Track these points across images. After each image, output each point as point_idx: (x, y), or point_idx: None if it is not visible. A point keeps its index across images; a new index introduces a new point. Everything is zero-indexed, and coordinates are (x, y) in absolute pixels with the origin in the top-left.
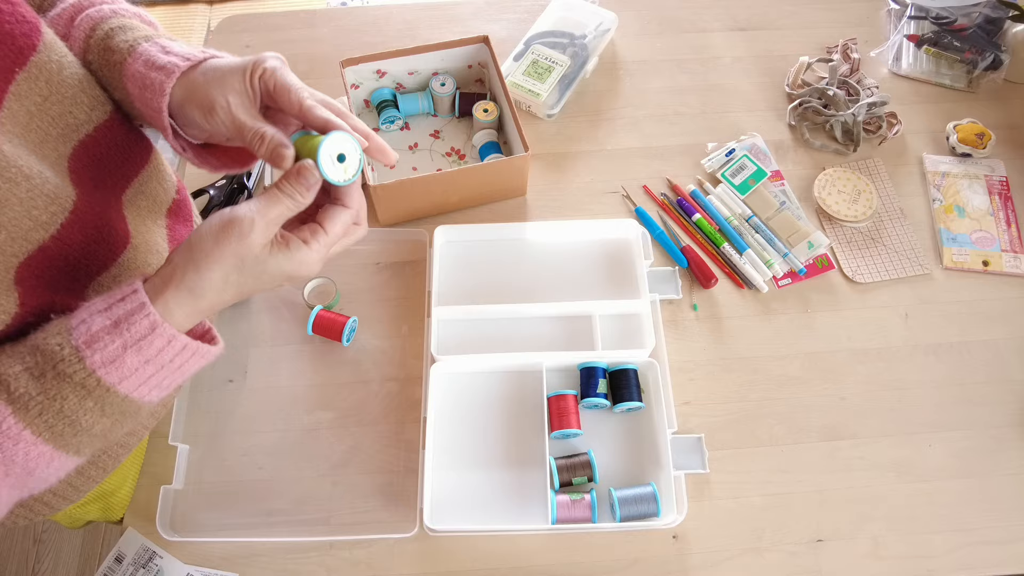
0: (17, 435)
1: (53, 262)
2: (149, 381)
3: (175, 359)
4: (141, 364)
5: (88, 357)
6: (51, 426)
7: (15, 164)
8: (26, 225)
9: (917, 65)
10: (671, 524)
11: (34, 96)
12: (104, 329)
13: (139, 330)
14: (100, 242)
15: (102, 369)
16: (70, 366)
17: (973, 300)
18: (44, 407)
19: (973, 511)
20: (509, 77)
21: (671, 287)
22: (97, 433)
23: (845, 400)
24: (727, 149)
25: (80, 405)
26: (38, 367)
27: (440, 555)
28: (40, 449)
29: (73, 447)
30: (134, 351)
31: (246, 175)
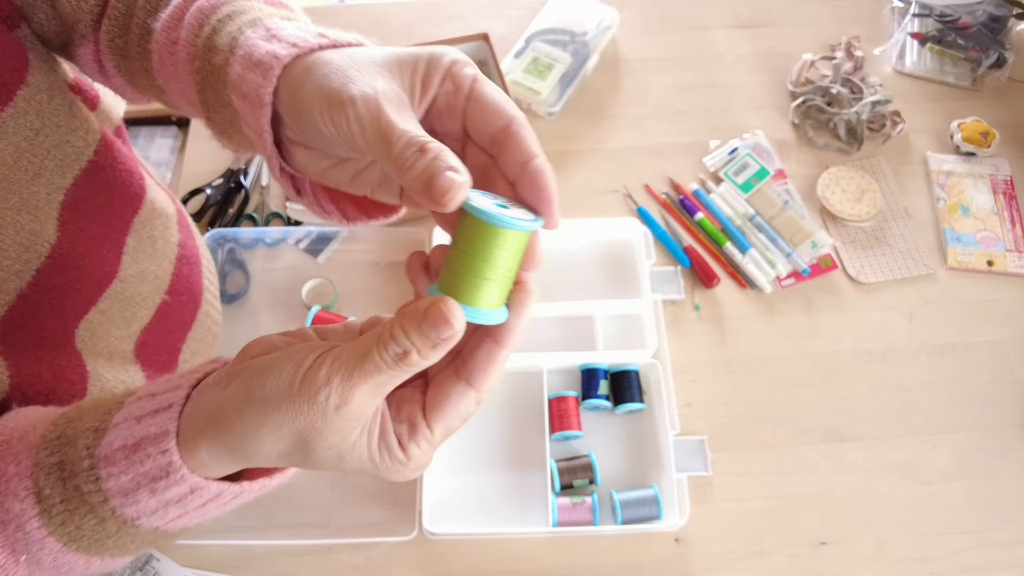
0: (41, 540)
1: (37, 309)
2: (176, 521)
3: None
4: (161, 506)
5: (104, 480)
6: (75, 539)
7: None
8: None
9: (921, 63)
10: (673, 527)
11: (26, 131)
12: (123, 450)
13: (152, 469)
14: (83, 280)
15: (117, 499)
16: (87, 484)
17: (978, 300)
18: (65, 519)
19: (978, 513)
20: (509, 75)
21: (673, 287)
22: (131, 550)
23: (849, 401)
24: (730, 148)
25: (101, 527)
26: (65, 468)
27: (440, 558)
28: (69, 557)
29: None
30: (147, 491)
31: (242, 173)
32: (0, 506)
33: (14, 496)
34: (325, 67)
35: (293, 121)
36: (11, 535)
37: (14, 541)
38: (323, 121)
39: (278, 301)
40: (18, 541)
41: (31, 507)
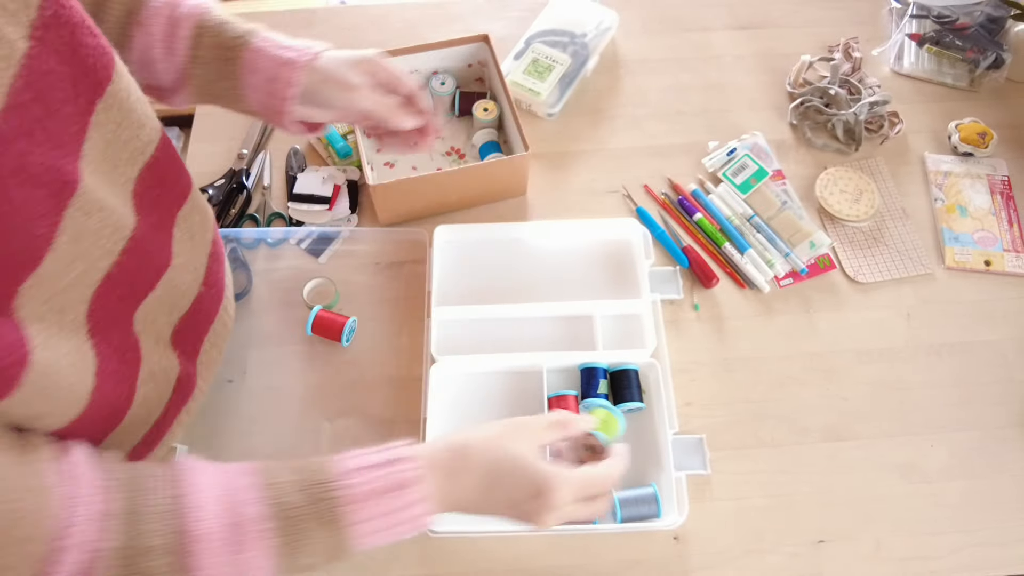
0: (267, 544)
1: (114, 290)
2: (373, 533)
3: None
4: (377, 515)
5: (343, 488)
6: (284, 544)
7: (93, 196)
8: (95, 254)
9: (919, 64)
10: (672, 525)
11: (109, 124)
12: (372, 465)
13: (398, 480)
14: (148, 266)
15: (351, 505)
16: (328, 491)
17: (975, 300)
18: (295, 522)
19: (976, 512)
20: (509, 76)
21: (672, 287)
22: (298, 566)
23: (847, 401)
24: (728, 148)
25: (316, 533)
26: (304, 481)
27: (441, 557)
28: (265, 563)
29: (278, 570)
30: (389, 498)
31: (245, 175)
32: (242, 511)
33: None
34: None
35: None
36: (239, 536)
37: (237, 543)
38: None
39: (280, 301)
40: (242, 544)
41: (268, 508)
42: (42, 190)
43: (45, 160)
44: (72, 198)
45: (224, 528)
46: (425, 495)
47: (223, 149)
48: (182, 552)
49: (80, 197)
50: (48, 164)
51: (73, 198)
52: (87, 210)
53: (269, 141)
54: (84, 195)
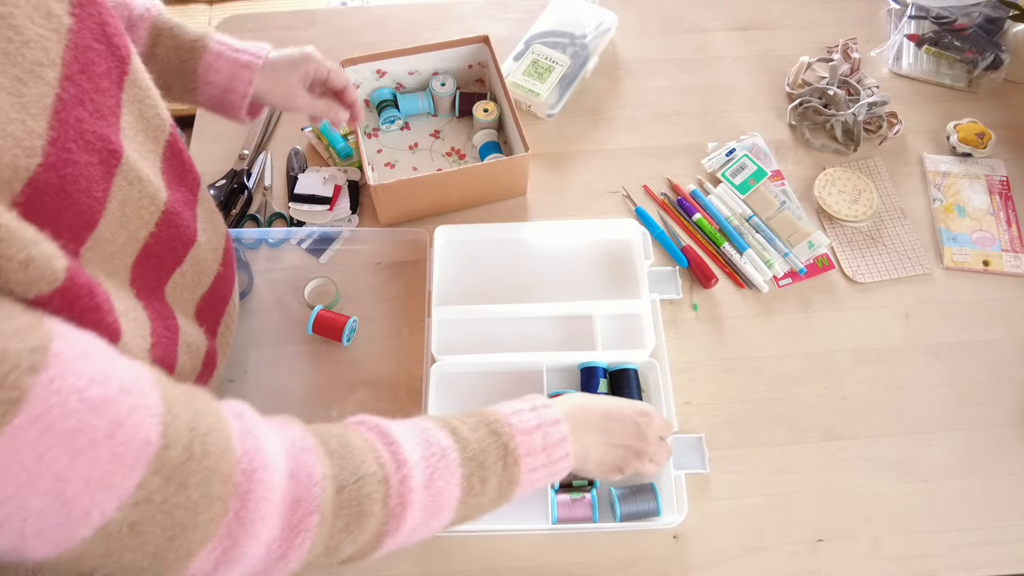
0: (454, 470)
1: (149, 260)
2: (536, 467)
3: (558, 458)
4: (540, 449)
5: (514, 425)
6: (471, 473)
7: (134, 166)
8: (136, 223)
9: (917, 65)
10: (671, 524)
11: (135, 102)
12: (523, 409)
13: (548, 416)
14: (178, 239)
15: (520, 436)
16: (501, 426)
17: (973, 300)
18: (476, 453)
19: (974, 511)
20: (509, 77)
21: (671, 287)
22: (482, 503)
23: (846, 400)
24: (727, 149)
25: (494, 464)
26: (473, 422)
27: (441, 555)
28: (455, 493)
29: (464, 508)
30: (542, 432)
31: (246, 175)
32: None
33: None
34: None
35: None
36: (434, 463)
37: (433, 469)
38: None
39: (281, 301)
40: (437, 470)
41: (451, 442)
42: (95, 156)
43: (96, 128)
44: (118, 166)
45: (425, 458)
46: (568, 434)
47: (224, 149)
48: (394, 478)
49: (124, 166)
50: (98, 133)
51: (119, 166)
52: (130, 179)
53: (270, 142)
54: (127, 165)
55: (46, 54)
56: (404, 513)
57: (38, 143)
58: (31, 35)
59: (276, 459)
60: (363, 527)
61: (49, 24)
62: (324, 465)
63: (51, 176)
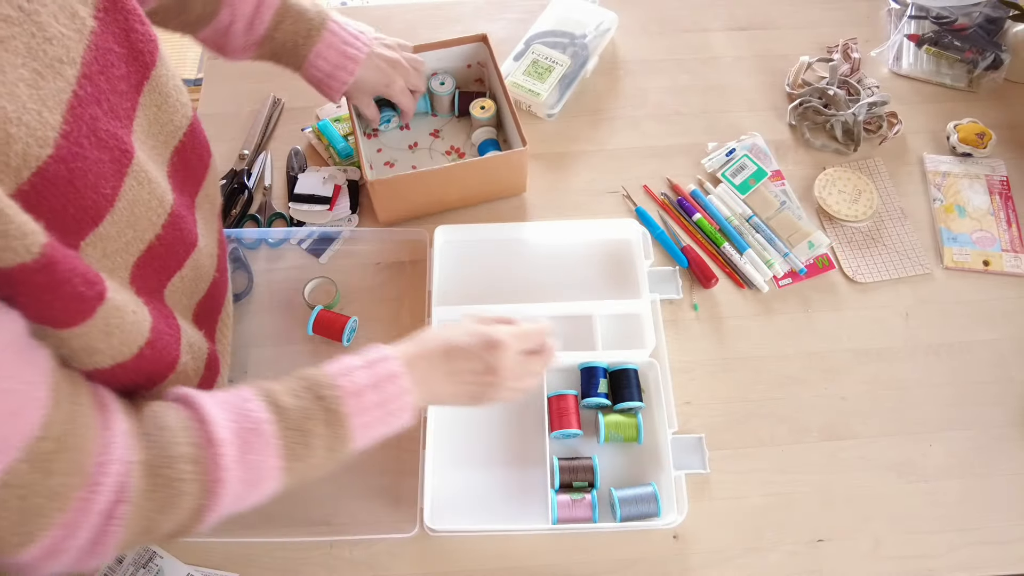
0: (272, 444)
1: (152, 261)
2: (370, 424)
3: (395, 412)
4: (374, 405)
5: (341, 386)
6: (293, 442)
7: (144, 168)
8: (144, 224)
9: (917, 65)
10: (672, 524)
11: (152, 108)
12: (356, 367)
13: (384, 372)
14: (180, 243)
15: (347, 398)
16: (325, 390)
17: (974, 300)
18: (297, 423)
19: (974, 511)
20: (509, 77)
21: (672, 287)
22: (309, 466)
23: (846, 400)
24: (727, 149)
25: (317, 428)
26: (299, 388)
27: (440, 555)
28: (276, 463)
29: (290, 473)
30: (376, 390)
31: (246, 174)
32: (247, 416)
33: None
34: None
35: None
36: (247, 438)
37: (247, 444)
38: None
39: (281, 300)
40: (251, 445)
41: (269, 415)
42: (107, 154)
43: (110, 127)
44: (130, 166)
45: (237, 433)
46: (408, 385)
47: (224, 150)
48: (204, 458)
49: (135, 167)
50: (112, 132)
51: (130, 166)
52: (140, 179)
53: (270, 142)
54: (138, 165)
55: (67, 52)
56: (219, 489)
57: (51, 135)
58: (54, 32)
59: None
60: (178, 506)
61: (72, 24)
62: (135, 451)
63: (60, 168)
